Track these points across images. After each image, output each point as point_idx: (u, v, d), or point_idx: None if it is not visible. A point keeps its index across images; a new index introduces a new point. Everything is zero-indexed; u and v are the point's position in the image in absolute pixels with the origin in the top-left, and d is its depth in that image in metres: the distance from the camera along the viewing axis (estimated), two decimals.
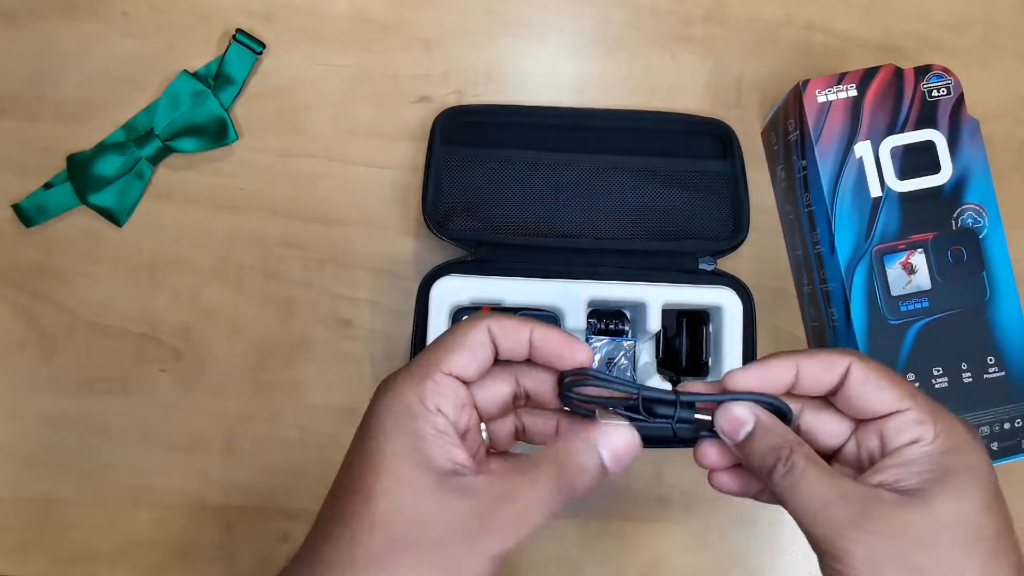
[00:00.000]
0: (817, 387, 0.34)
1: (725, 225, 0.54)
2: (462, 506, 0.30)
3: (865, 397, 0.33)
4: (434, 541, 0.29)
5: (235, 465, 0.55)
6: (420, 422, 0.31)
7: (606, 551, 0.56)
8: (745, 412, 0.33)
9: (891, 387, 0.33)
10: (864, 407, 0.33)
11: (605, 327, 0.54)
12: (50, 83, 0.56)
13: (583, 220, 0.54)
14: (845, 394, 0.33)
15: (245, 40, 0.56)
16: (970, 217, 0.51)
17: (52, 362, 0.55)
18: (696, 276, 0.53)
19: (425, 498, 0.30)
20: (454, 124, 0.54)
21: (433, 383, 0.32)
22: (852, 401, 0.33)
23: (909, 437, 0.32)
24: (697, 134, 0.56)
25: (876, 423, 0.33)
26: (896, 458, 0.32)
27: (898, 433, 0.32)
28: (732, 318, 0.51)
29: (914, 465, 0.31)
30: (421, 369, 0.32)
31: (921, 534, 0.29)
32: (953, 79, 0.52)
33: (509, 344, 0.34)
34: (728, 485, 0.36)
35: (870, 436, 0.33)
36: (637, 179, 0.54)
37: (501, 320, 0.33)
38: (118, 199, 0.55)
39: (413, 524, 0.29)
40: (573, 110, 0.57)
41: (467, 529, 0.29)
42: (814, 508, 0.31)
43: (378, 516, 0.29)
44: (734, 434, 0.33)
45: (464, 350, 0.32)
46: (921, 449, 0.31)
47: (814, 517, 0.31)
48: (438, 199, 0.53)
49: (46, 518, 0.54)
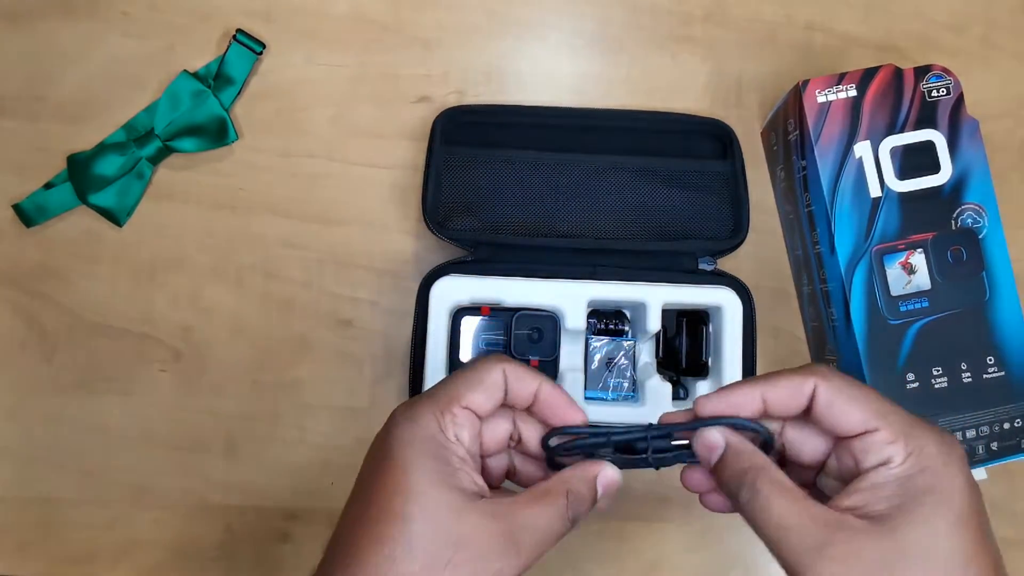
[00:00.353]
0: (787, 411, 0.34)
1: (725, 225, 0.54)
2: (495, 527, 0.32)
3: (833, 419, 0.33)
4: (471, 559, 0.31)
5: (235, 465, 0.55)
6: (443, 450, 0.33)
7: (606, 551, 0.56)
8: (717, 436, 0.34)
9: (859, 406, 0.32)
10: (834, 427, 0.33)
11: (605, 327, 0.54)
12: (50, 83, 0.56)
13: (583, 220, 0.54)
14: (815, 415, 0.34)
15: (245, 40, 0.56)
16: (970, 217, 0.51)
17: (52, 362, 0.55)
18: (696, 276, 0.53)
19: (460, 519, 0.32)
20: (454, 124, 0.54)
21: (452, 415, 0.34)
22: (821, 421, 0.34)
23: (877, 459, 0.32)
24: (697, 134, 0.56)
25: (849, 442, 0.33)
26: (864, 481, 0.32)
27: (866, 454, 0.32)
28: (732, 318, 0.51)
29: (881, 489, 0.31)
30: (441, 402, 0.34)
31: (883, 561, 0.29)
32: (953, 79, 0.52)
33: (517, 390, 0.36)
34: (719, 504, 0.37)
35: (845, 455, 0.33)
36: (637, 179, 0.54)
37: (517, 368, 0.36)
38: (118, 199, 0.55)
39: (451, 544, 0.31)
40: (573, 110, 0.57)
41: (501, 549, 0.32)
42: (778, 532, 0.31)
43: (416, 538, 0.31)
44: (707, 458, 0.35)
45: (483, 388, 0.35)
46: (889, 472, 0.31)
47: (778, 541, 0.31)
48: (438, 199, 0.53)
49: (46, 518, 0.54)
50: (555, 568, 0.55)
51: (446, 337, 0.50)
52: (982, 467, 0.51)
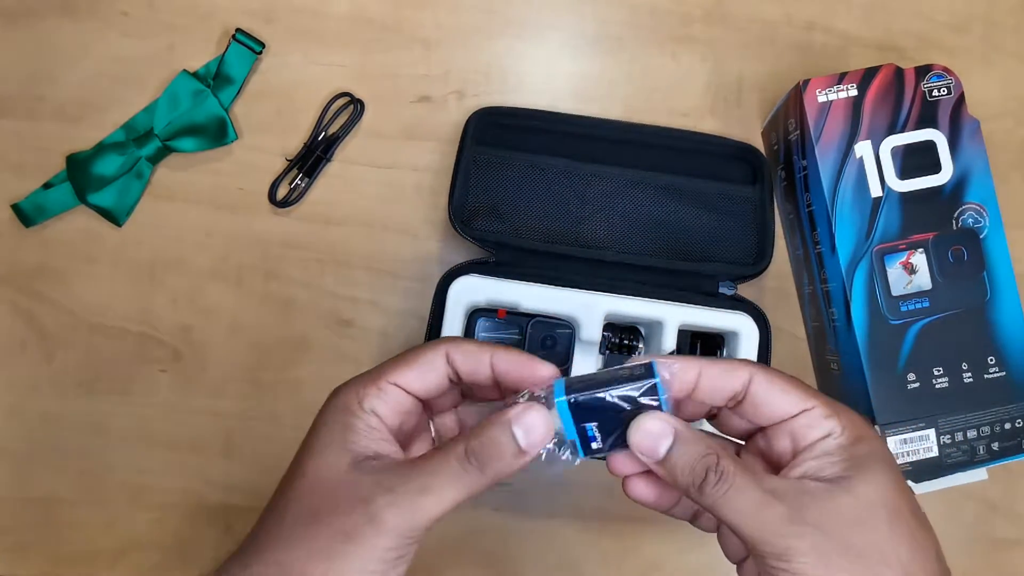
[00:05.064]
0: (718, 394, 0.34)
1: (749, 251, 0.54)
2: (366, 479, 0.31)
3: (770, 402, 0.34)
4: (334, 511, 0.31)
5: (235, 465, 0.55)
6: (353, 418, 0.33)
7: (606, 551, 0.56)
8: (662, 425, 0.32)
9: (794, 390, 0.34)
10: (770, 411, 0.34)
11: (619, 341, 0.54)
12: (50, 83, 0.56)
13: (607, 233, 0.54)
14: (751, 401, 0.34)
15: (245, 40, 0.56)
16: (971, 217, 0.51)
17: (52, 362, 0.55)
18: (715, 299, 0.53)
19: (337, 476, 0.32)
20: (487, 124, 0.54)
21: (376, 388, 0.34)
22: (759, 407, 0.34)
23: (820, 432, 0.33)
24: (728, 157, 0.56)
25: (785, 424, 0.34)
26: (811, 452, 0.33)
27: (809, 429, 0.33)
28: (748, 345, 0.51)
29: (830, 456, 0.32)
30: (369, 376, 0.34)
31: (853, 516, 0.30)
32: (953, 79, 0.52)
33: (470, 367, 0.35)
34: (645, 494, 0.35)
35: (780, 437, 0.34)
36: (665, 197, 0.54)
37: (461, 344, 0.35)
38: (118, 199, 0.55)
39: (322, 498, 0.31)
40: (608, 122, 0.56)
41: (365, 497, 0.31)
42: (750, 511, 0.30)
43: (296, 493, 0.32)
44: (653, 451, 0.32)
45: (413, 366, 0.34)
46: (834, 441, 0.32)
47: (752, 520, 0.30)
48: (464, 198, 0.53)
49: (46, 518, 0.54)
50: (555, 568, 0.55)
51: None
52: (982, 467, 0.51)
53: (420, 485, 0.31)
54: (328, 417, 0.34)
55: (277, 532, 0.32)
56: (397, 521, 0.30)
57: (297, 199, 0.56)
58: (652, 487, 0.35)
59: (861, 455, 0.32)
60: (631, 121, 0.57)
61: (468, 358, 0.35)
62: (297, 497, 0.32)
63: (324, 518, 0.31)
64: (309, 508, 0.31)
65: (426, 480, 0.31)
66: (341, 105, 0.56)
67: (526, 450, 0.32)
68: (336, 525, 0.30)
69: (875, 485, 0.31)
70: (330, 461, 0.32)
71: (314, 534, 0.31)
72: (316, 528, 0.31)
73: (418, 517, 0.31)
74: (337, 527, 0.30)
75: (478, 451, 0.32)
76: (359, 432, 0.33)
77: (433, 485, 0.31)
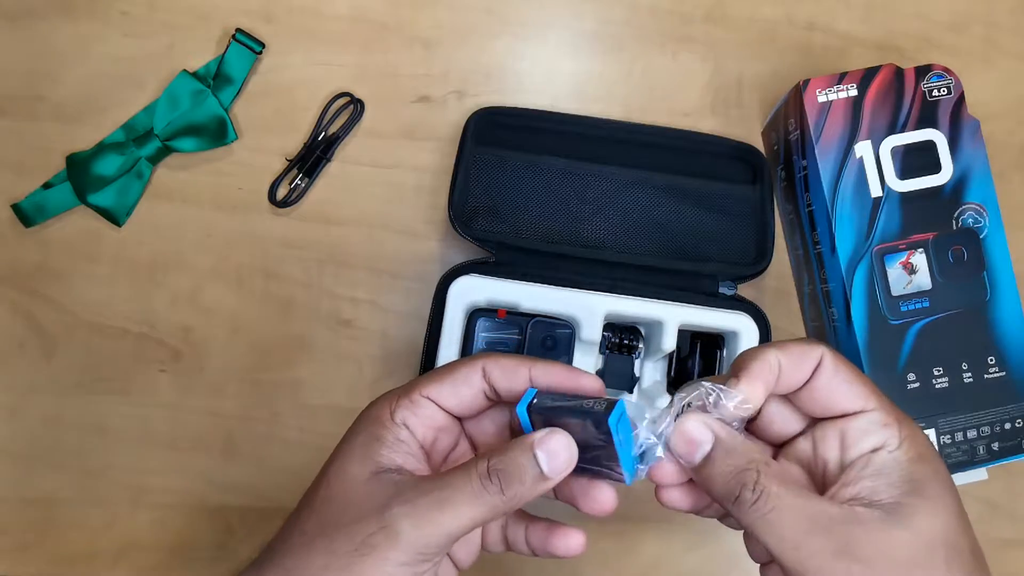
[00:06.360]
0: (789, 383, 0.32)
1: (749, 251, 0.54)
2: (385, 490, 0.31)
3: (831, 391, 0.31)
4: (350, 520, 0.30)
5: (235, 465, 0.55)
6: (382, 430, 0.33)
7: (606, 551, 0.56)
8: (701, 429, 0.31)
9: (859, 384, 0.31)
10: (829, 403, 0.31)
11: (619, 341, 0.54)
12: (50, 83, 0.56)
13: (607, 232, 0.54)
14: (812, 387, 0.31)
15: (245, 40, 0.56)
16: (971, 217, 0.51)
17: (52, 362, 0.55)
18: (715, 299, 0.53)
19: (357, 485, 0.31)
20: (487, 124, 0.54)
21: (408, 401, 0.33)
22: (817, 396, 0.31)
23: (874, 441, 0.30)
24: (728, 157, 0.56)
25: (837, 422, 0.31)
26: (864, 468, 0.30)
27: (862, 435, 0.30)
28: (748, 345, 0.51)
29: (885, 476, 0.29)
30: (403, 388, 0.34)
31: (909, 557, 0.28)
32: (953, 79, 0.52)
33: (507, 383, 0.33)
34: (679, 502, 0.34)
35: (829, 436, 0.32)
36: (665, 196, 0.54)
37: (499, 359, 0.34)
38: (117, 199, 0.55)
39: (340, 507, 0.31)
40: (609, 122, 0.56)
41: (381, 506, 0.30)
42: (792, 538, 0.28)
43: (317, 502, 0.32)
44: (690, 456, 0.31)
45: (447, 380, 0.34)
46: (889, 456, 0.30)
47: (794, 550, 0.28)
48: (465, 198, 0.53)
49: (46, 518, 0.54)
50: (555, 568, 0.55)
51: (460, 336, 0.50)
52: (982, 467, 0.51)
53: (438, 498, 0.30)
54: (359, 427, 0.33)
55: (294, 540, 0.32)
56: (412, 533, 0.30)
57: (297, 199, 0.56)
58: (688, 495, 0.34)
59: (920, 478, 0.29)
60: (631, 121, 0.57)
61: (506, 373, 0.33)
62: (316, 506, 0.32)
63: (341, 527, 0.30)
64: (327, 517, 0.31)
65: (445, 494, 0.30)
66: (341, 105, 0.56)
67: (548, 475, 0.31)
68: (352, 534, 0.30)
69: (935, 519, 0.28)
70: (352, 471, 0.32)
71: (328, 544, 0.30)
72: (332, 537, 0.30)
73: (433, 531, 0.30)
74: (353, 536, 0.30)
75: (499, 471, 0.30)
76: (386, 444, 0.32)
77: (451, 500, 0.30)
